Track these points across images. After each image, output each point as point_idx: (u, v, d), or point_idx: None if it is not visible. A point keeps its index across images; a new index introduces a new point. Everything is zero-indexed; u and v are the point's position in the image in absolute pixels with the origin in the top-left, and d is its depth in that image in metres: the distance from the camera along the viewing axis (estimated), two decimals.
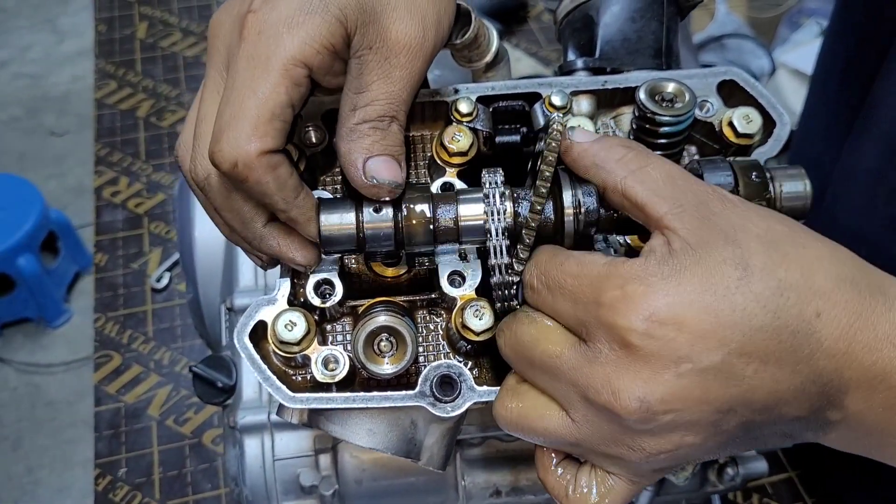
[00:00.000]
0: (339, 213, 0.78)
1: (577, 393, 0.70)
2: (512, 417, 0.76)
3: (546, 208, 0.78)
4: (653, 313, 0.65)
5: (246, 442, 1.18)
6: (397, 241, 0.79)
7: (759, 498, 1.73)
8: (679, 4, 1.00)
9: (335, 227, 0.78)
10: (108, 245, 2.22)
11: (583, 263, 0.71)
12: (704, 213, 0.70)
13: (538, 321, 0.73)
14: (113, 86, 2.57)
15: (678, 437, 0.68)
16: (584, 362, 0.68)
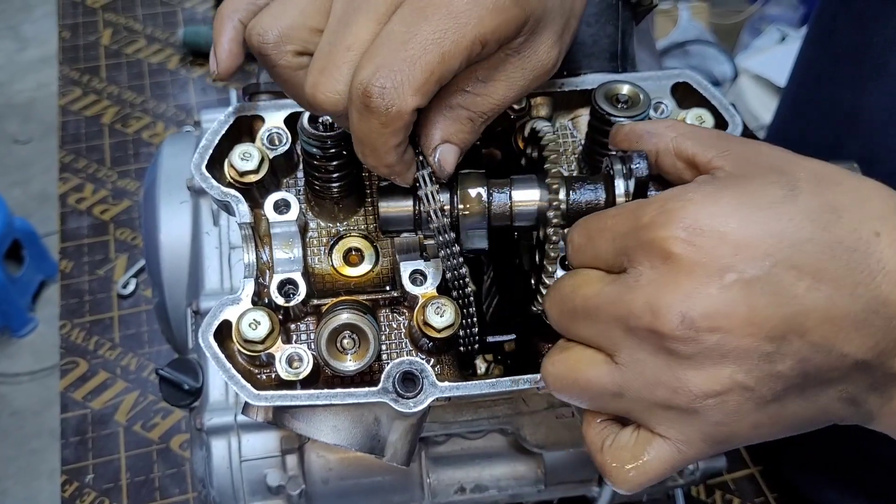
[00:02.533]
0: (397, 197, 0.81)
1: (619, 328, 0.68)
2: (558, 373, 0.74)
3: (597, 191, 0.80)
4: (694, 221, 0.64)
5: (213, 443, 1.18)
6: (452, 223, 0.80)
7: (721, 494, 1.75)
8: (633, 9, 1.03)
9: (393, 209, 0.81)
10: (73, 252, 2.21)
11: (622, 205, 0.73)
12: (752, 153, 0.71)
13: (579, 272, 0.74)
14: (77, 92, 2.56)
15: (727, 375, 0.64)
16: (624, 291, 0.67)
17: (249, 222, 0.87)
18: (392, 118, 0.69)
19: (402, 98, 0.68)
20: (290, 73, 0.76)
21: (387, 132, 0.70)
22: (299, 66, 0.76)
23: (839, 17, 1.46)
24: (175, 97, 2.56)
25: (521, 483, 1.21)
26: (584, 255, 0.73)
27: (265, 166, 0.88)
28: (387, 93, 0.68)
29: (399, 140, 0.72)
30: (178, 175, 1.35)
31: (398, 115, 0.69)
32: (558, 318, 0.76)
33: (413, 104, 0.69)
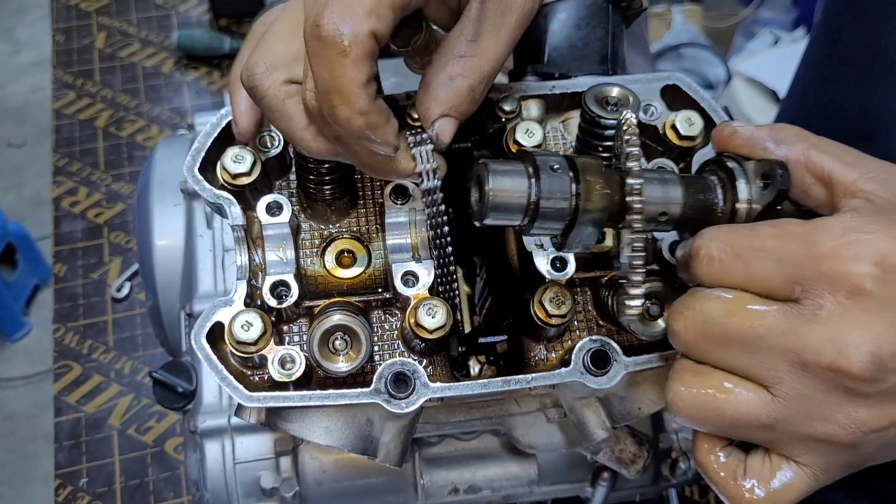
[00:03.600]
0: (511, 178, 0.71)
1: (787, 361, 0.65)
2: (693, 402, 0.70)
3: (715, 194, 0.76)
4: (884, 256, 0.62)
5: (206, 446, 1.19)
6: (575, 213, 0.72)
7: (714, 494, 1.76)
8: (623, 12, 1.03)
9: (507, 191, 0.71)
10: (67, 255, 2.21)
11: (778, 224, 0.68)
12: (891, 176, 0.70)
13: (730, 293, 0.68)
14: (71, 96, 2.56)
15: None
16: (798, 323, 0.64)
17: (242, 224, 0.88)
18: (348, 46, 0.67)
19: (355, 21, 0.67)
20: (278, 101, 0.77)
21: (347, 63, 0.68)
22: (287, 94, 0.77)
23: (845, 19, 1.46)
24: (169, 100, 2.56)
25: (515, 484, 1.21)
26: (731, 273, 0.68)
27: (257, 169, 0.88)
28: (337, 18, 0.67)
29: (364, 76, 0.70)
30: (172, 178, 1.36)
31: (355, 41, 0.67)
32: (698, 341, 0.70)
33: (368, 27, 0.67)
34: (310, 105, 0.74)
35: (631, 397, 0.95)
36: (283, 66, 0.77)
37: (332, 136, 0.76)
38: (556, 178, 0.71)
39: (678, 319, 0.71)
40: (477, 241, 1.08)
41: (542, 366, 0.91)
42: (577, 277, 0.91)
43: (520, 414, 1.06)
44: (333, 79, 0.69)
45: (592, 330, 0.92)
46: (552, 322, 0.85)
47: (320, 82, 0.70)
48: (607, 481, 1.23)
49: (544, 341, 0.92)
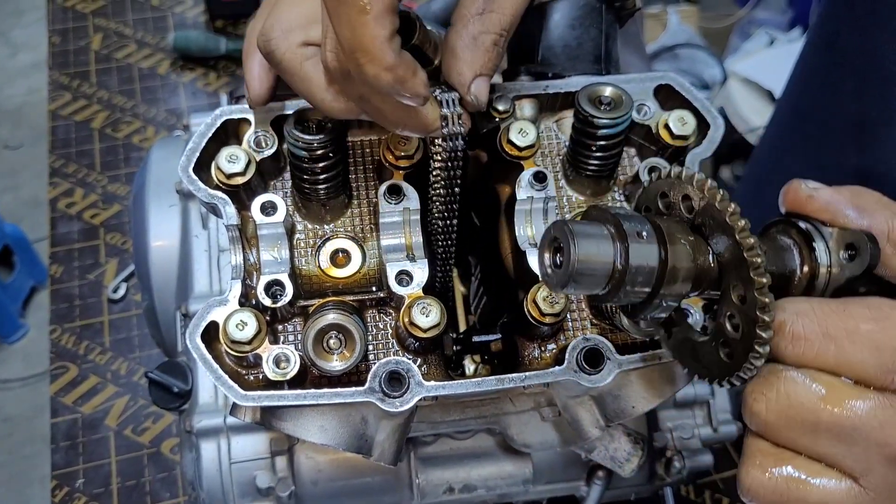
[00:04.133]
0: (596, 243, 0.66)
1: (881, 454, 0.62)
2: (775, 488, 0.66)
3: (792, 258, 0.72)
4: None
5: (202, 446, 1.19)
6: (660, 279, 0.67)
7: (710, 494, 1.76)
8: (617, 12, 1.04)
9: (592, 258, 0.65)
10: (63, 256, 2.21)
11: (873, 306, 0.64)
12: None
13: (821, 377, 0.64)
14: (67, 97, 2.56)
15: None
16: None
17: (237, 224, 0.88)
18: (368, 2, 0.66)
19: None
20: (296, 64, 0.77)
21: (369, 21, 0.67)
22: (304, 56, 0.77)
23: (842, 24, 1.45)
24: (165, 101, 2.56)
25: (510, 482, 1.22)
26: (821, 356, 0.64)
27: (252, 168, 0.89)
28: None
29: (387, 31, 0.68)
30: (168, 179, 1.36)
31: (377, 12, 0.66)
32: (782, 426, 0.66)
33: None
34: (330, 65, 0.74)
35: (624, 396, 0.95)
36: (299, 28, 0.77)
37: (354, 96, 0.76)
38: (644, 245, 0.66)
39: (759, 400, 0.67)
40: (472, 240, 1.09)
41: (536, 364, 0.92)
42: None
43: (514, 413, 1.06)
44: (356, 37, 0.68)
45: (586, 329, 0.92)
46: (546, 321, 0.86)
47: (344, 41, 0.69)
48: (602, 480, 1.24)
49: (538, 340, 0.92)
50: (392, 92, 0.72)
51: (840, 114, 1.46)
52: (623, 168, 0.98)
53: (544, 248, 0.69)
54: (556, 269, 0.67)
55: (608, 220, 0.67)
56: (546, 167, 0.94)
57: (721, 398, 1.29)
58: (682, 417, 1.28)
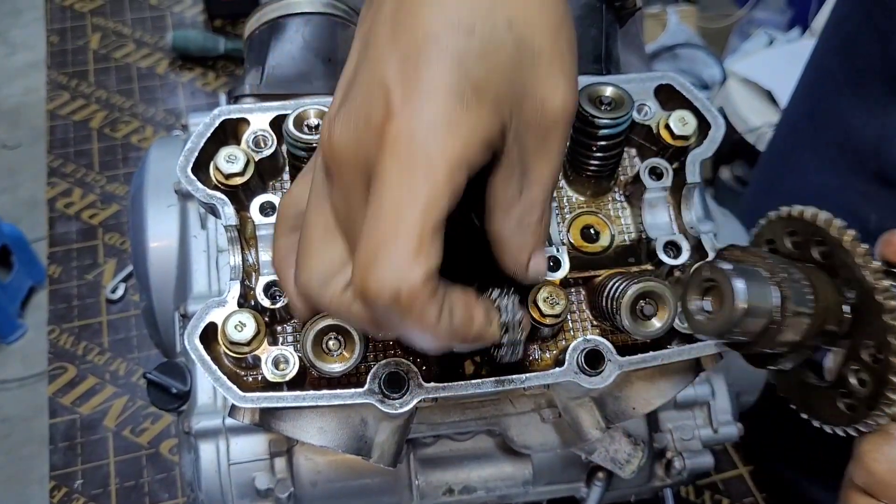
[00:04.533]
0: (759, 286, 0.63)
1: None
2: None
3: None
4: None
5: (201, 447, 1.18)
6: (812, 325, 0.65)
7: (710, 495, 1.76)
8: (617, 12, 1.03)
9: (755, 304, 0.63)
10: (61, 257, 2.21)
11: None
12: None
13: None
14: (66, 97, 2.56)
15: None
16: None
17: (235, 224, 0.88)
18: (406, 302, 0.61)
19: (406, 273, 0.60)
20: (345, 311, 0.70)
21: (412, 318, 0.62)
22: (351, 300, 0.69)
23: (861, 32, 1.42)
24: (164, 101, 2.56)
25: (510, 484, 1.21)
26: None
27: (251, 169, 0.88)
28: (385, 277, 0.60)
29: (434, 314, 0.63)
30: (166, 179, 1.35)
31: (411, 295, 0.60)
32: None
33: (421, 274, 0.60)
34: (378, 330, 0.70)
35: (625, 397, 0.95)
36: (338, 272, 0.69)
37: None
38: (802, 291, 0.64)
39: (878, 460, 0.67)
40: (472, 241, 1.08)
41: (537, 366, 0.91)
42: (571, 277, 0.91)
43: (514, 414, 1.06)
44: (404, 331, 0.66)
45: (586, 330, 0.92)
46: (546, 322, 0.85)
47: (390, 332, 0.67)
48: (602, 481, 1.23)
49: (538, 341, 0.92)
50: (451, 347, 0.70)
51: (861, 129, 1.44)
52: (624, 168, 0.98)
53: (691, 292, 0.67)
54: (709, 314, 0.65)
55: (759, 262, 0.65)
56: None
57: (722, 399, 1.28)
58: (683, 418, 1.28)
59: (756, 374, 1.32)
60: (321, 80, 1.02)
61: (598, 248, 0.95)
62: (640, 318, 0.83)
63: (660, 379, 0.94)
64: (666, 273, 0.92)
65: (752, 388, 1.36)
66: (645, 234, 0.94)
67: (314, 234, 0.71)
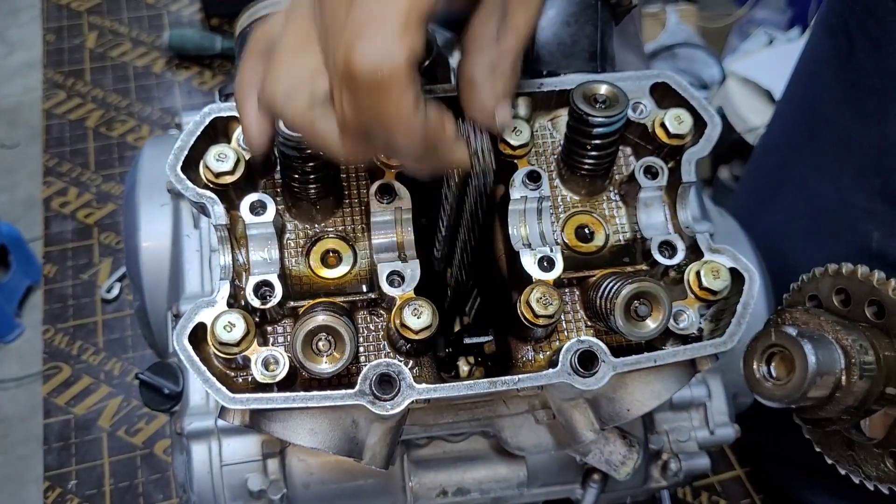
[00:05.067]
0: (826, 351, 0.64)
1: None
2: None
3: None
4: None
5: (193, 448, 1.17)
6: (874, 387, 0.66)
7: (707, 496, 1.75)
8: (613, 9, 1.02)
9: (824, 370, 0.64)
10: (57, 256, 2.20)
11: None
12: None
13: None
14: (62, 96, 2.55)
15: None
16: None
17: (225, 224, 0.87)
18: (389, 80, 0.62)
19: (390, 50, 0.62)
20: (307, 124, 0.72)
21: (391, 98, 0.63)
22: (314, 115, 0.72)
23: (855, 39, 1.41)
24: (160, 100, 2.55)
25: (504, 486, 1.20)
26: None
27: (241, 167, 0.87)
28: (369, 52, 0.62)
29: (410, 101, 0.64)
30: (159, 178, 1.34)
31: (394, 72, 0.62)
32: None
33: (404, 52, 0.62)
34: (348, 125, 0.69)
35: (620, 398, 0.94)
36: (304, 83, 0.71)
37: (376, 148, 0.74)
38: (863, 353, 0.65)
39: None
40: None
41: (530, 367, 0.90)
42: (565, 277, 0.90)
43: (508, 415, 1.05)
44: (380, 116, 0.65)
45: (580, 330, 0.91)
46: (539, 322, 0.84)
47: (364, 118, 0.66)
48: (597, 483, 1.22)
49: (532, 342, 0.91)
50: (422, 157, 0.70)
51: (861, 137, 1.42)
52: (619, 167, 0.97)
53: (756, 358, 0.68)
54: (776, 380, 0.66)
55: (823, 325, 0.66)
56: (540, 166, 0.92)
57: (718, 401, 1.27)
58: (679, 420, 1.27)
59: None
60: None
61: (593, 248, 0.94)
62: (634, 319, 0.82)
63: (655, 380, 0.93)
64: (661, 273, 0.91)
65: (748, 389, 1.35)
66: (640, 233, 0.93)
67: (288, 43, 0.71)
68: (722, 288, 0.86)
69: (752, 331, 0.83)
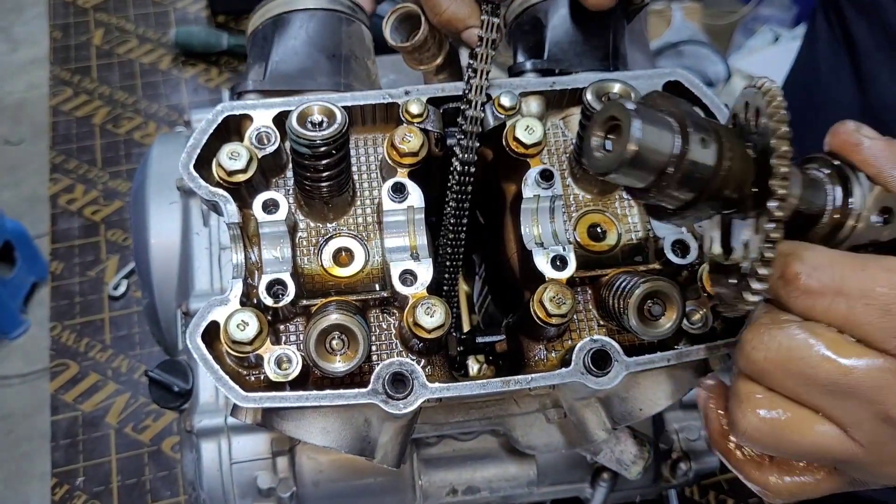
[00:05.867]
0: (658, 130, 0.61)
1: (872, 412, 0.64)
2: (769, 431, 0.68)
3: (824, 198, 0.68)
4: None
5: (203, 446, 1.18)
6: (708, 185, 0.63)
7: (715, 495, 1.75)
8: (625, 8, 1.02)
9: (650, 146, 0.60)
10: (64, 253, 2.20)
11: (892, 268, 0.64)
12: None
13: (825, 334, 0.66)
14: (69, 93, 2.55)
15: None
16: (892, 381, 0.63)
17: (238, 222, 0.86)
18: None
19: None
20: None
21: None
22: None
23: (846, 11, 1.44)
24: (167, 97, 2.55)
25: (513, 484, 1.20)
26: (830, 313, 0.65)
27: (253, 165, 0.87)
28: None
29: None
30: (168, 175, 1.34)
31: None
32: (778, 375, 0.68)
33: None
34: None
35: (632, 398, 0.93)
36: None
37: None
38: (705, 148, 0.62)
39: (759, 349, 0.68)
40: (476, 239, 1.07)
41: (542, 366, 0.90)
42: (578, 276, 0.90)
43: (519, 414, 1.05)
44: None
45: (593, 330, 0.91)
46: (552, 322, 0.84)
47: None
48: (607, 482, 1.22)
49: (544, 341, 0.91)
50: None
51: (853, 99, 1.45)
52: None
53: (595, 128, 0.65)
54: (606, 151, 0.63)
55: (673, 112, 0.63)
56: (553, 165, 0.92)
57: None
58: (689, 419, 1.27)
59: None
60: (325, 75, 1.00)
61: (605, 247, 0.94)
62: (647, 319, 0.82)
63: (667, 380, 0.93)
64: (673, 272, 0.91)
65: None
66: (652, 232, 0.93)
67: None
68: None
69: None
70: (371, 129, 0.96)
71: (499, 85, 0.94)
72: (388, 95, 0.93)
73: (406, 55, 1.04)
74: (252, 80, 1.00)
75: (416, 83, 0.97)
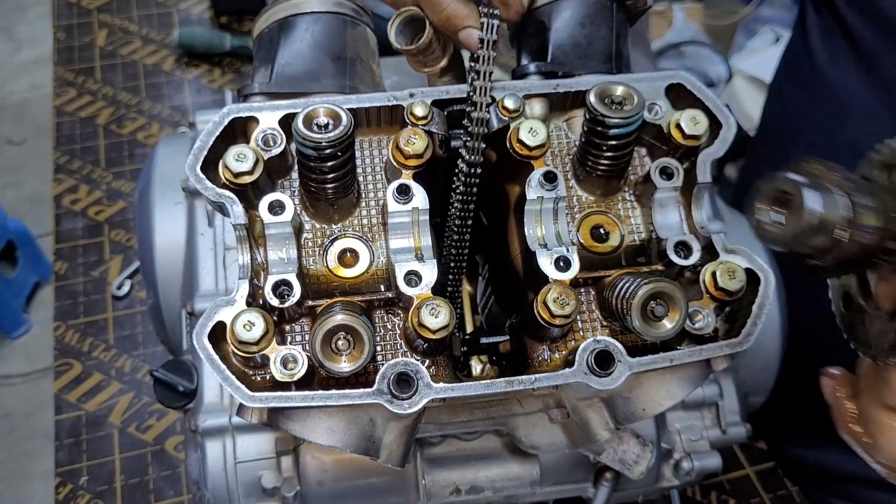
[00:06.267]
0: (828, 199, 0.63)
1: None
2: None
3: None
4: None
5: (207, 445, 1.18)
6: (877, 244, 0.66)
7: (717, 495, 1.76)
8: (628, 10, 1.03)
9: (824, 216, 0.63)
10: (67, 253, 2.20)
11: None
12: None
13: None
14: (72, 93, 2.56)
15: None
16: None
17: (244, 223, 0.87)
18: None
19: None
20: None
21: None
22: None
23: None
24: (170, 98, 2.56)
25: (517, 484, 1.21)
26: None
27: (260, 167, 0.88)
28: None
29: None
30: (173, 176, 1.35)
31: None
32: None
33: None
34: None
35: (635, 398, 0.94)
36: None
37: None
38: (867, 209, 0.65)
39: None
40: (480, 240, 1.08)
41: (546, 366, 0.91)
42: (581, 277, 0.91)
43: (522, 414, 1.05)
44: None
45: (596, 330, 0.92)
46: (556, 322, 0.85)
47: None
48: (610, 482, 1.23)
49: (547, 341, 0.91)
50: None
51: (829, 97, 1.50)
52: (633, 168, 0.97)
53: (762, 201, 0.68)
54: (779, 224, 0.66)
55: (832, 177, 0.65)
56: (556, 167, 0.93)
57: (730, 400, 1.28)
58: (691, 419, 1.27)
59: (765, 374, 1.31)
60: (330, 78, 1.01)
61: (608, 248, 0.94)
62: (650, 319, 0.82)
63: (670, 380, 0.93)
64: (676, 273, 0.92)
65: (760, 388, 1.36)
66: (655, 233, 0.93)
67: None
68: (738, 288, 0.87)
69: (766, 331, 0.84)
70: (376, 131, 0.96)
71: (502, 87, 0.95)
72: (392, 98, 0.93)
73: (410, 58, 1.04)
74: (258, 82, 1.01)
75: (419, 85, 0.98)
